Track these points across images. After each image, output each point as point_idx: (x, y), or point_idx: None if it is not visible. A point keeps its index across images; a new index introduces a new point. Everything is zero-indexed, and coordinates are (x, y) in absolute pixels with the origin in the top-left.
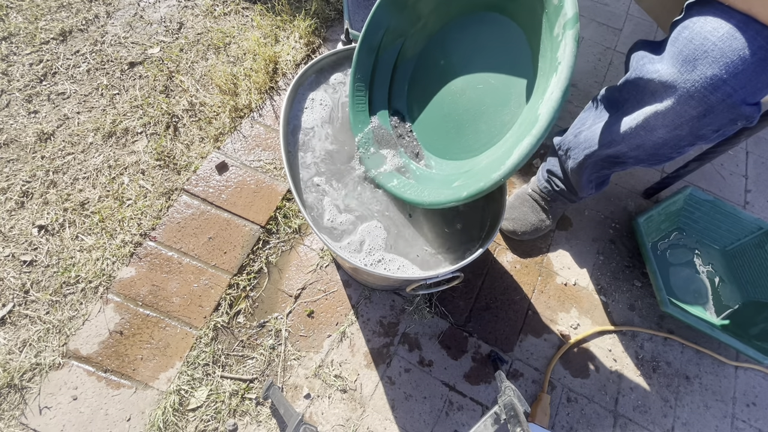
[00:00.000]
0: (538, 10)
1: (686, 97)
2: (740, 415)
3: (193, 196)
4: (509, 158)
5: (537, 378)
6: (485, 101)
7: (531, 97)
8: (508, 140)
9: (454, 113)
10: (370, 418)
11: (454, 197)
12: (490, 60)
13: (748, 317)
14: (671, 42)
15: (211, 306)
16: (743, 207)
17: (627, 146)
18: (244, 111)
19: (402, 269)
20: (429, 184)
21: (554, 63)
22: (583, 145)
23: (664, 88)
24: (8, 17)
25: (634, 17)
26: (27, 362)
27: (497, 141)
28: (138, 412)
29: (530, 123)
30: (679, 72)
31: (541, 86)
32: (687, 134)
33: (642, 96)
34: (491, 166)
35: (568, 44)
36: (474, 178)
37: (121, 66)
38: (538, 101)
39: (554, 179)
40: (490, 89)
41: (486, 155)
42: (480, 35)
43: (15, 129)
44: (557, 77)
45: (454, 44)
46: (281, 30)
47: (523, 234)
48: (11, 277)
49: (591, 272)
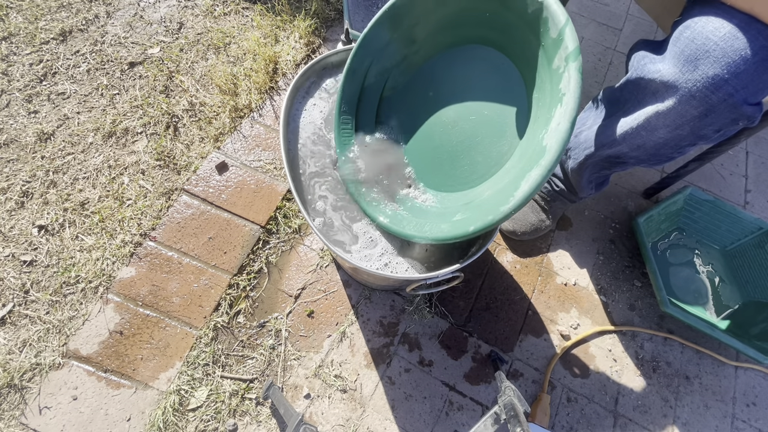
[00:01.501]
0: (533, 44)
1: (688, 96)
2: (740, 415)
3: (193, 196)
4: (518, 190)
5: (537, 378)
6: (479, 132)
7: (529, 128)
8: (510, 171)
9: (447, 144)
10: (370, 418)
11: (461, 232)
12: (482, 91)
13: (748, 317)
14: (673, 42)
15: (211, 306)
16: (743, 207)
17: (628, 146)
18: (244, 111)
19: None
20: (425, 217)
21: (557, 94)
22: (584, 146)
23: (666, 88)
24: (8, 17)
25: (634, 17)
26: (27, 362)
27: (496, 171)
28: (138, 412)
29: (536, 154)
30: (680, 72)
31: (541, 117)
32: (688, 134)
33: (643, 96)
34: (497, 198)
35: (572, 76)
36: (478, 210)
37: (121, 66)
38: (539, 132)
39: (554, 179)
40: (484, 120)
41: (486, 186)
42: (470, 67)
43: (15, 129)
44: (563, 108)
45: (443, 76)
46: (281, 30)
47: (522, 234)
48: (11, 277)
49: (591, 272)
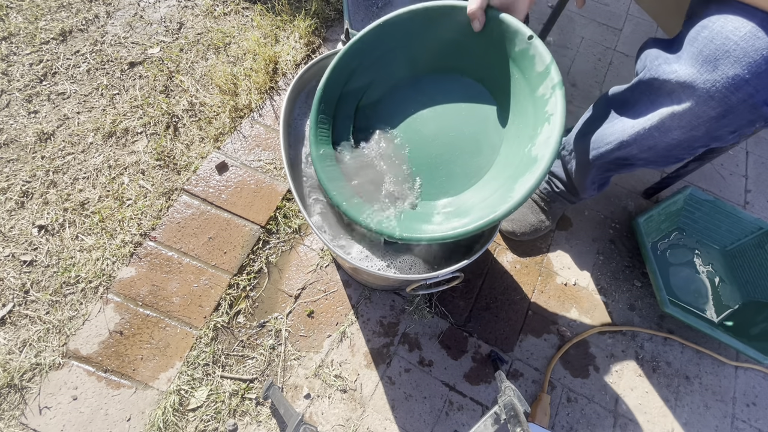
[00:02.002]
0: (515, 76)
1: (706, 97)
2: (740, 415)
3: (193, 196)
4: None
5: (537, 378)
6: (459, 147)
7: (506, 145)
8: (492, 181)
9: (425, 156)
10: (370, 418)
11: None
12: (460, 111)
13: (748, 317)
14: (689, 41)
15: (211, 306)
16: (743, 207)
17: (638, 148)
18: (244, 111)
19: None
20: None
21: (542, 115)
22: (591, 147)
23: (682, 89)
24: (8, 17)
25: (634, 17)
26: (27, 362)
27: (475, 182)
28: (138, 412)
29: (526, 164)
30: (698, 72)
31: (524, 134)
32: (702, 135)
33: (656, 97)
34: (487, 203)
35: (558, 101)
36: (468, 214)
37: (121, 66)
38: (524, 147)
39: (555, 180)
40: (463, 137)
41: (470, 194)
42: (450, 90)
43: (15, 129)
44: (551, 126)
45: (425, 93)
46: (281, 30)
47: (522, 235)
48: (11, 277)
49: (591, 272)
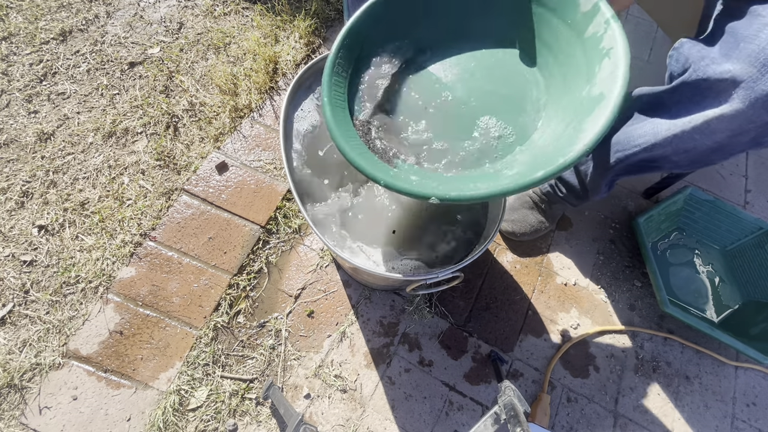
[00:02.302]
0: (552, 25)
1: (763, 100)
2: (740, 415)
3: (193, 196)
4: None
5: (537, 378)
6: (496, 108)
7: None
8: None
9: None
10: (370, 418)
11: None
12: (491, 72)
13: (748, 317)
14: (745, 40)
15: (211, 306)
16: (743, 207)
17: (672, 150)
18: (244, 111)
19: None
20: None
21: (598, 53)
22: (615, 148)
23: (736, 90)
24: (8, 17)
25: (634, 17)
26: (27, 362)
27: (523, 142)
28: (138, 412)
29: (586, 105)
30: (759, 72)
31: (576, 80)
32: (748, 141)
33: (702, 98)
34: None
35: (616, 33)
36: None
37: (121, 66)
38: (580, 91)
39: (559, 185)
40: (500, 98)
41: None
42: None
43: (15, 129)
44: (613, 60)
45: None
46: (281, 30)
47: (522, 235)
48: (11, 277)
49: (591, 272)
